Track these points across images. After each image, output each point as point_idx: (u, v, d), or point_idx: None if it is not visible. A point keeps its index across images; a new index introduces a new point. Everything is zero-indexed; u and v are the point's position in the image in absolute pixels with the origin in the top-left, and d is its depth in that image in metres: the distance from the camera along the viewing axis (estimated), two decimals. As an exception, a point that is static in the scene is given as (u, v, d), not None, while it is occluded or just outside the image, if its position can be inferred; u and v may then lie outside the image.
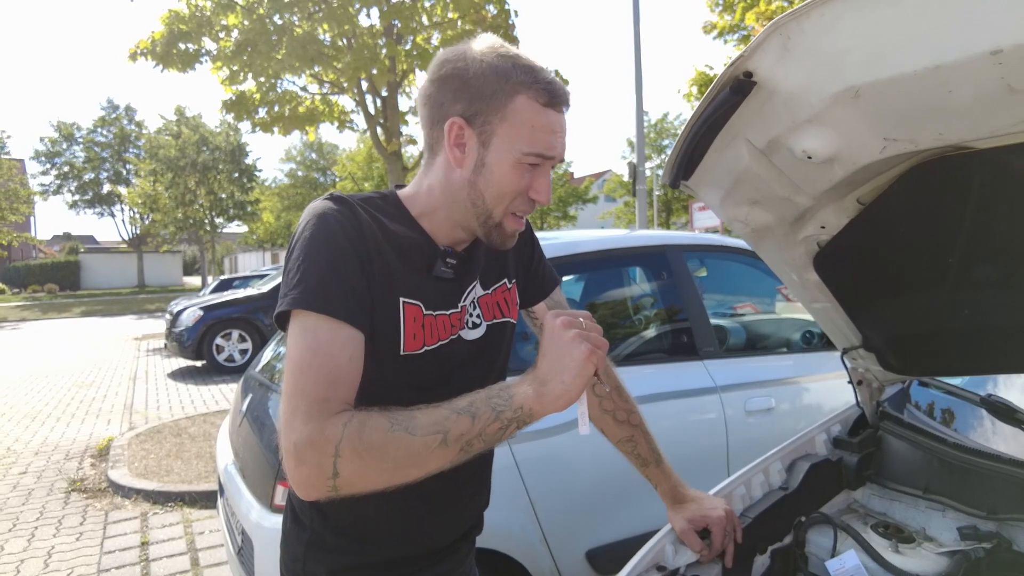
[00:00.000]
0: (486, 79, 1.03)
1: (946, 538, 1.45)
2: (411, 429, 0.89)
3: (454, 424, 0.91)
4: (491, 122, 1.04)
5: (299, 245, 1.02)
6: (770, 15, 12.02)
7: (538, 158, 1.05)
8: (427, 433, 0.89)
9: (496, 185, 1.07)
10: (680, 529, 1.38)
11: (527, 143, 1.04)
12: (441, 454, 0.91)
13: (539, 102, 1.03)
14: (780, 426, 2.79)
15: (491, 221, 1.10)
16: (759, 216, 1.40)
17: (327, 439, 0.88)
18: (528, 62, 1.05)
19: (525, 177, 1.07)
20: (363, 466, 0.89)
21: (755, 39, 1.01)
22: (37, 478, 5.23)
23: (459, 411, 0.92)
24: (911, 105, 0.97)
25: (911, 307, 1.50)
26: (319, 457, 0.88)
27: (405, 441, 0.89)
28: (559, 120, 1.06)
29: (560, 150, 1.07)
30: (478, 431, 0.92)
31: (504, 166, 1.05)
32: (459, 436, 0.91)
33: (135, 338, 15.41)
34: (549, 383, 0.94)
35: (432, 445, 0.89)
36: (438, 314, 1.12)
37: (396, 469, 0.90)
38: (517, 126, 1.03)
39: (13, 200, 31.36)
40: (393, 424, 0.90)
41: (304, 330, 0.96)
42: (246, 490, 2.49)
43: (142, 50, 11.65)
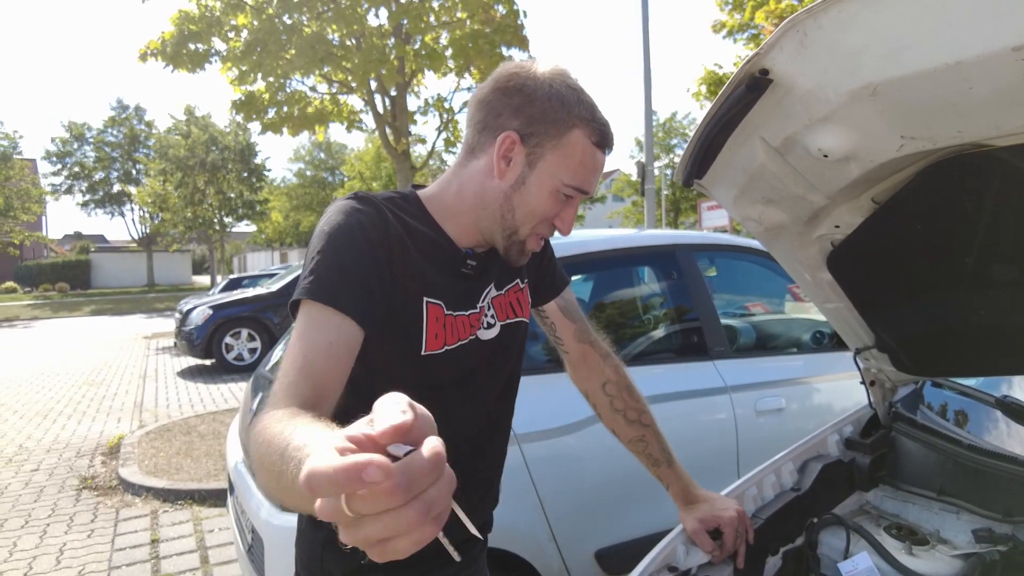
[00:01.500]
0: (550, 104, 1.05)
1: (960, 540, 1.44)
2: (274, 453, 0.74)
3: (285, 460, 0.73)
4: (543, 145, 1.07)
5: (318, 239, 1.03)
6: (780, 13, 11.97)
7: (575, 191, 1.09)
8: (272, 468, 0.74)
9: (530, 205, 1.10)
10: (692, 529, 1.38)
11: (571, 176, 1.08)
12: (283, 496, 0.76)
13: (592, 140, 1.07)
14: (791, 426, 2.78)
15: (515, 237, 1.12)
16: (773, 215, 1.39)
17: (254, 433, 0.81)
18: (590, 100, 1.09)
19: (557, 205, 1.10)
20: (256, 466, 0.80)
21: (771, 36, 1.00)
22: (49, 475, 5.27)
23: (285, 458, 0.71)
24: (929, 102, 0.96)
25: (925, 307, 1.48)
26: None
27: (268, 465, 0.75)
28: (602, 160, 1.11)
29: (594, 188, 1.13)
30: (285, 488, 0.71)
31: (543, 190, 1.09)
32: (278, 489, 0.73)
33: (145, 337, 15.49)
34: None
35: (273, 483, 0.74)
36: (458, 314, 1.12)
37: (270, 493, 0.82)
38: (567, 157, 1.07)
39: (25, 200, 31.57)
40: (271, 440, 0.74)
41: (305, 315, 0.97)
42: (256, 489, 2.50)
43: (152, 50, 11.71)
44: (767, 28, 12.75)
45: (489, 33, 12.02)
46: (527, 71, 1.08)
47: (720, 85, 14.81)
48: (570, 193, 1.09)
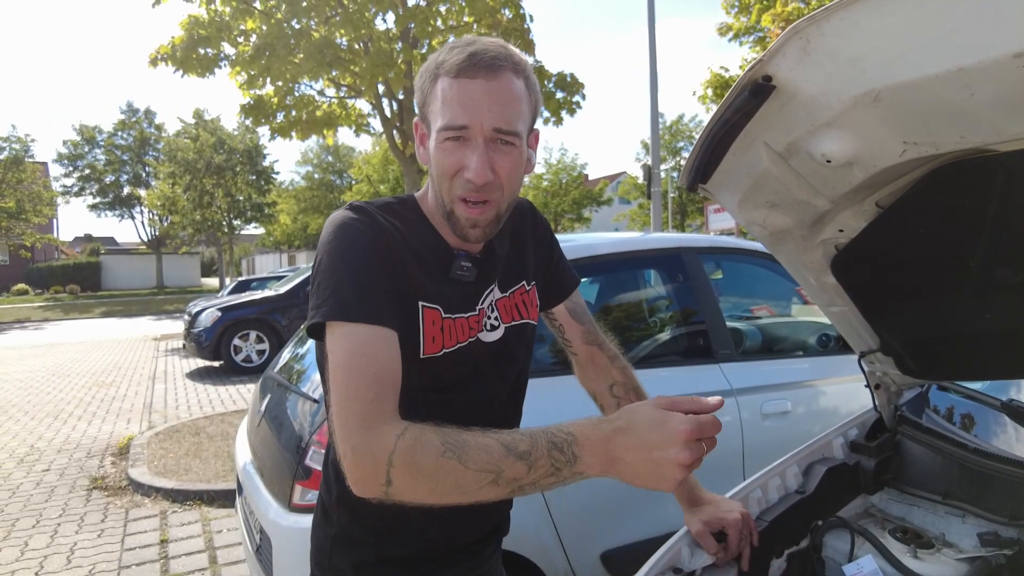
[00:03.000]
0: (424, 74, 1.07)
1: (966, 544, 1.44)
2: (464, 460, 0.87)
3: (509, 467, 0.87)
4: (428, 114, 1.07)
5: (326, 256, 1.03)
6: (786, 16, 11.96)
7: (450, 130, 1.02)
8: (480, 469, 0.87)
9: (435, 171, 1.08)
10: (696, 531, 1.38)
11: (441, 119, 1.03)
12: (490, 491, 0.88)
13: (451, 76, 1.02)
14: (796, 429, 2.78)
15: (446, 211, 1.09)
16: (777, 219, 1.40)
17: (381, 449, 0.88)
18: (454, 44, 1.05)
19: (452, 156, 1.04)
20: (413, 483, 0.88)
21: (774, 43, 1.01)
22: (60, 475, 5.31)
23: (517, 455, 0.87)
24: (932, 108, 0.97)
25: (930, 311, 1.49)
26: (374, 465, 0.88)
27: (456, 471, 0.87)
28: (475, 87, 1.01)
29: (476, 117, 1.01)
30: (532, 480, 0.87)
31: (435, 150, 1.06)
32: (512, 480, 0.87)
33: (154, 338, 15.57)
34: (619, 466, 0.86)
35: (483, 481, 0.87)
36: (456, 317, 1.13)
37: (444, 493, 0.89)
38: (439, 108, 1.04)
39: (37, 202, 31.80)
40: (446, 449, 0.88)
41: (343, 337, 0.97)
42: (264, 489, 2.52)
43: (162, 55, 11.78)
44: (773, 31, 12.74)
45: (495, 37, 12.04)
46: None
47: (726, 88, 14.79)
48: (448, 135, 1.02)
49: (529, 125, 1.09)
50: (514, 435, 0.89)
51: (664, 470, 0.83)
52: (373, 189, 32.39)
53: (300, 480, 2.26)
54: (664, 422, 0.84)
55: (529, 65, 1.09)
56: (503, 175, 1.05)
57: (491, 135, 1.02)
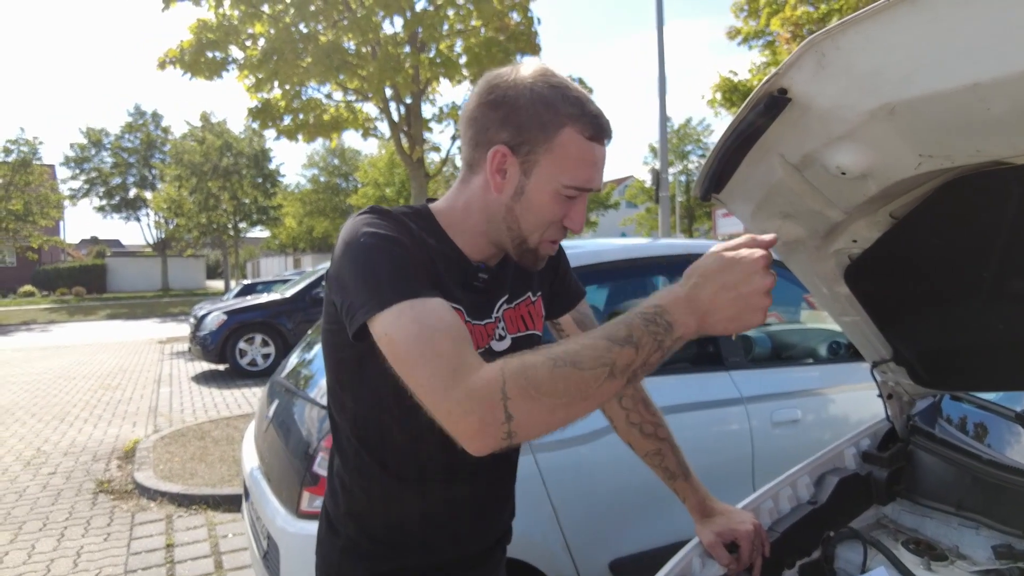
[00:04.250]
0: (535, 109, 1.03)
1: (980, 556, 1.43)
2: (577, 364, 0.86)
3: (619, 356, 0.87)
4: (536, 152, 1.05)
5: (355, 257, 1.00)
6: (795, 21, 11.96)
7: (577, 191, 1.07)
8: (594, 367, 0.86)
9: (534, 213, 1.08)
10: (708, 542, 1.38)
11: (569, 176, 1.05)
12: (610, 386, 0.87)
13: (584, 135, 1.04)
14: (806, 438, 2.77)
15: (526, 245, 1.12)
16: (790, 229, 1.39)
17: (490, 383, 0.85)
18: (577, 94, 1.06)
19: (563, 207, 1.08)
20: (534, 405, 0.84)
21: (790, 56, 1.01)
22: (66, 478, 5.33)
23: (621, 342, 0.87)
24: (948, 122, 0.97)
25: (944, 321, 1.48)
26: (488, 403, 0.84)
27: (573, 376, 0.85)
28: (601, 153, 1.07)
29: (599, 182, 1.09)
30: (642, 361, 0.88)
31: (544, 196, 1.07)
32: (626, 367, 0.87)
33: (159, 341, 15.62)
34: (713, 315, 0.90)
35: (601, 378, 0.86)
36: (475, 324, 1.14)
37: (568, 405, 0.86)
38: (561, 158, 1.04)
39: (44, 205, 31.96)
40: (554, 361, 0.86)
41: (399, 315, 0.92)
42: (272, 495, 2.52)
43: (171, 59, 11.85)
44: (782, 35, 12.73)
45: (503, 41, 12.08)
46: (507, 80, 1.06)
47: (735, 92, 14.79)
48: (571, 194, 1.07)
49: None
50: (608, 327, 0.90)
51: (753, 301, 0.89)
52: (379, 193, 32.43)
53: (308, 486, 2.26)
54: (736, 260, 0.90)
55: None
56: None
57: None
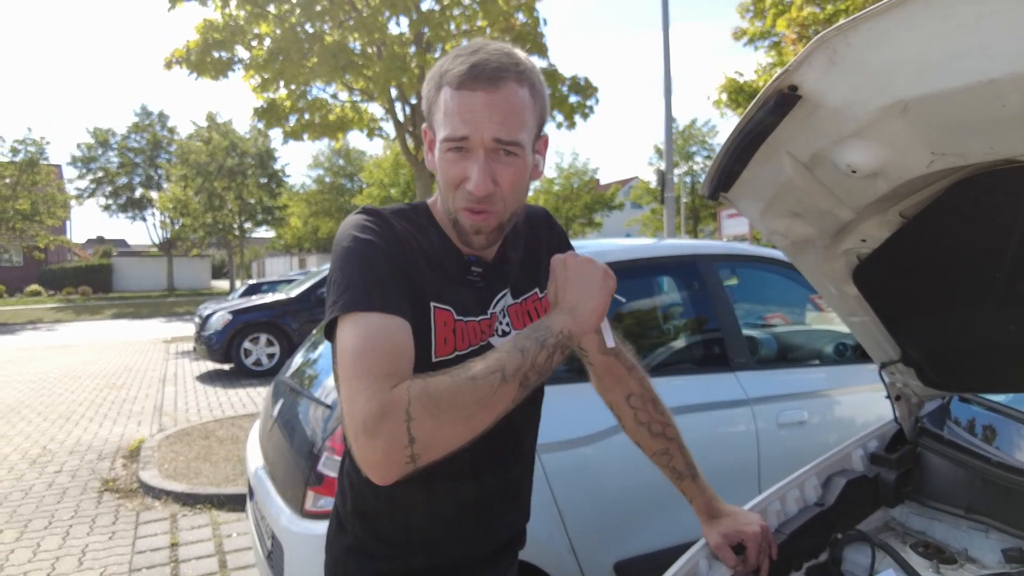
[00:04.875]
0: (430, 82, 1.08)
1: (989, 560, 1.42)
2: (471, 375, 0.90)
3: (507, 362, 0.92)
4: (433, 123, 1.08)
5: (339, 257, 1.04)
6: (801, 21, 11.92)
7: (451, 142, 1.03)
8: (487, 375, 0.90)
9: (439, 180, 1.11)
10: (715, 544, 1.37)
11: (443, 130, 1.04)
12: (504, 392, 0.91)
13: (453, 87, 1.02)
14: (813, 439, 2.75)
15: (454, 220, 1.11)
16: (799, 229, 1.38)
17: (396, 406, 0.86)
18: (458, 52, 1.05)
19: (454, 167, 1.05)
20: (437, 423, 0.87)
21: (800, 53, 1.00)
22: (72, 477, 5.34)
23: (507, 351, 0.94)
24: (961, 119, 0.96)
25: (954, 322, 1.47)
26: (392, 425, 0.85)
27: (469, 387, 0.89)
28: (476, 98, 1.01)
29: (476, 129, 1.01)
30: (530, 363, 0.94)
31: (439, 161, 1.08)
32: (515, 371, 0.92)
33: (164, 341, 15.64)
34: (579, 306, 1.02)
35: (494, 384, 0.90)
36: (468, 320, 1.13)
37: (469, 417, 0.89)
38: (441, 118, 1.05)
39: (51, 205, 32.07)
40: (452, 376, 0.90)
41: (354, 325, 0.95)
42: (276, 495, 2.51)
43: (177, 58, 11.87)
44: (788, 36, 12.70)
45: (509, 41, 12.05)
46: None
47: (741, 93, 14.76)
48: (450, 147, 1.04)
49: (535, 132, 1.10)
50: (498, 347, 0.97)
51: (600, 282, 1.05)
52: (384, 193, 32.48)
53: (312, 486, 2.25)
54: (578, 267, 1.06)
55: (536, 70, 1.09)
56: (505, 185, 1.06)
57: (492, 146, 1.02)
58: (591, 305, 1.02)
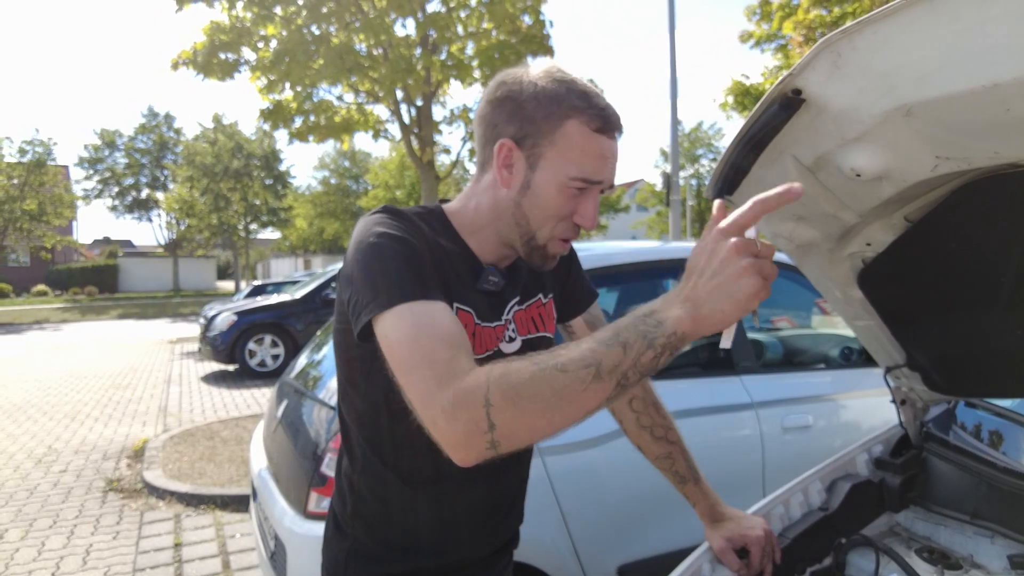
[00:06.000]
0: (539, 102, 1.04)
1: (995, 566, 1.41)
2: (560, 366, 0.82)
3: (605, 356, 0.82)
4: (540, 144, 1.05)
5: (366, 255, 1.00)
6: (808, 24, 11.89)
7: (584, 183, 1.05)
8: (579, 368, 0.81)
9: (541, 208, 1.07)
10: (718, 548, 1.36)
11: (575, 168, 1.04)
12: (597, 389, 0.82)
13: (590, 127, 1.03)
14: (818, 444, 2.74)
15: (534, 242, 1.11)
16: (804, 232, 1.38)
17: (474, 391, 0.83)
18: (583, 87, 1.05)
19: (571, 201, 1.07)
20: (517, 412, 0.82)
21: (805, 56, 1.00)
22: (76, 476, 5.35)
23: (606, 343, 0.83)
24: (966, 123, 0.95)
25: (959, 326, 1.46)
26: (471, 411, 0.82)
27: (557, 378, 0.81)
28: (610, 146, 1.06)
29: (609, 176, 1.07)
30: (632, 361, 0.82)
31: (550, 189, 1.06)
32: (613, 368, 0.82)
33: (169, 341, 15.68)
34: (705, 306, 0.82)
35: (586, 380, 0.81)
36: (485, 326, 1.13)
37: (552, 410, 0.82)
38: (566, 150, 1.04)
39: (58, 205, 32.22)
40: (539, 364, 0.83)
41: (399, 317, 0.92)
42: (280, 496, 2.52)
43: (184, 60, 11.90)
44: (795, 39, 12.67)
45: (515, 43, 12.06)
46: (514, 77, 1.07)
47: (747, 96, 14.73)
48: (579, 186, 1.05)
49: None
50: (598, 332, 0.86)
51: (738, 286, 0.81)
52: (390, 195, 32.48)
53: (316, 487, 2.25)
54: (730, 263, 0.82)
55: None
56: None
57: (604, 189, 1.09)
58: (718, 317, 0.82)
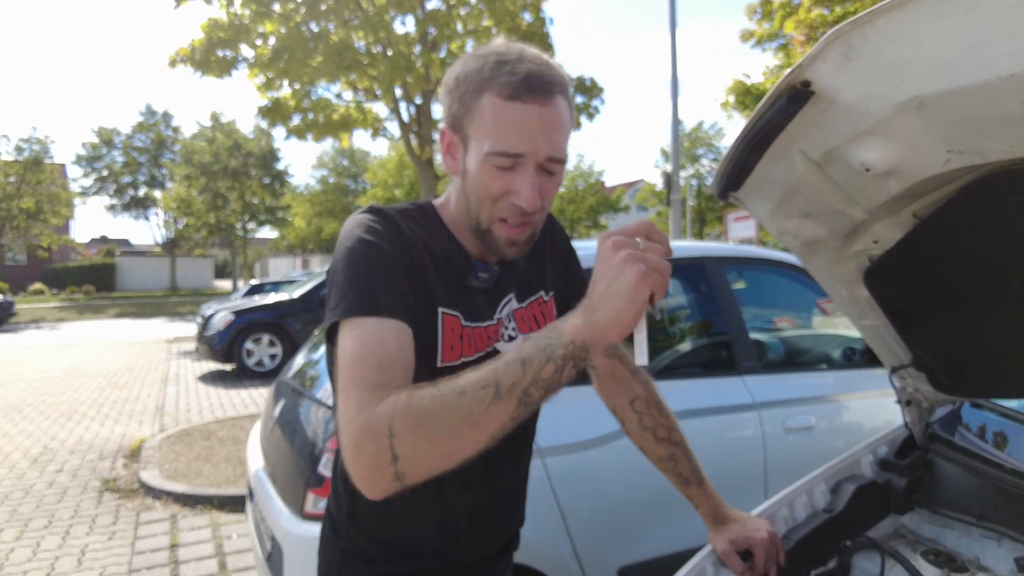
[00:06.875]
0: (460, 83, 1.01)
1: (1002, 569, 1.39)
2: (460, 389, 0.82)
3: (504, 375, 0.81)
4: (464, 126, 1.02)
5: (342, 258, 1.01)
6: (809, 23, 11.88)
7: (505, 157, 0.98)
8: (477, 388, 0.81)
9: (474, 190, 1.04)
10: (722, 550, 1.34)
11: (489, 142, 0.99)
12: (498, 410, 0.81)
13: (502, 97, 0.97)
14: (820, 445, 2.72)
15: (480, 228, 1.07)
16: (810, 229, 1.36)
17: (379, 420, 0.82)
18: (498, 58, 0.99)
19: (499, 179, 1.01)
20: (419, 440, 0.81)
21: (814, 48, 0.98)
22: (72, 476, 5.32)
23: (507, 362, 0.83)
24: (980, 116, 0.93)
25: (967, 326, 1.44)
26: (374, 442, 0.81)
27: (456, 402, 0.81)
28: (531, 113, 0.97)
29: (534, 145, 0.98)
30: (532, 377, 0.81)
31: (477, 171, 1.02)
32: (512, 385, 0.81)
33: (167, 340, 15.65)
34: (599, 310, 0.82)
35: (485, 401, 0.80)
36: (475, 326, 1.11)
37: (454, 436, 0.81)
38: (481, 126, 0.99)
39: (55, 203, 32.17)
40: (440, 389, 0.83)
41: (351, 330, 0.93)
42: (276, 496, 2.49)
43: (182, 57, 11.86)
44: (796, 38, 12.66)
45: (516, 41, 12.02)
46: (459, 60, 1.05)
47: (748, 95, 14.72)
48: (501, 163, 0.99)
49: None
50: (502, 354, 0.86)
51: (628, 291, 0.80)
52: (388, 194, 32.46)
53: (313, 488, 2.23)
54: (609, 260, 0.84)
55: (570, 80, 1.06)
56: (547, 199, 1.04)
57: (543, 162, 1.00)
58: (611, 315, 0.81)
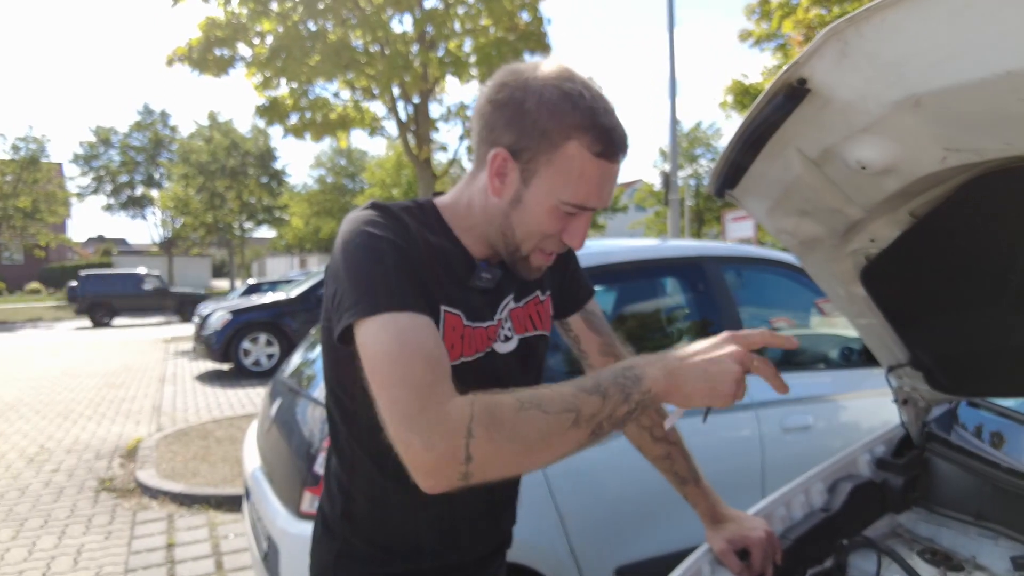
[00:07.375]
0: (540, 115, 0.96)
1: (998, 568, 1.39)
2: (543, 406, 0.83)
3: (584, 403, 0.85)
4: (536, 161, 0.98)
5: (351, 255, 0.97)
6: (808, 23, 11.88)
7: (576, 208, 1.00)
8: (560, 411, 0.83)
9: (528, 224, 1.03)
10: (719, 550, 1.34)
11: (570, 192, 0.99)
12: (573, 435, 0.84)
13: (592, 151, 0.97)
14: (817, 444, 2.72)
15: (518, 254, 1.07)
16: (807, 228, 1.35)
17: (457, 420, 0.81)
18: (591, 103, 0.97)
19: (560, 222, 1.02)
20: (496, 448, 0.81)
21: (810, 45, 0.97)
22: (69, 476, 5.31)
23: (587, 390, 0.86)
24: (977, 114, 0.93)
25: (964, 324, 1.44)
26: (450, 440, 0.80)
27: (538, 420, 0.82)
28: (610, 170, 0.99)
29: (604, 200, 1.02)
30: (608, 412, 0.86)
31: (540, 208, 1.01)
32: (591, 416, 0.85)
33: (164, 340, 15.63)
34: (681, 377, 0.90)
35: (565, 424, 0.83)
36: (476, 326, 1.10)
37: (528, 451, 0.83)
38: (562, 172, 0.98)
39: (51, 202, 32.11)
40: (521, 403, 0.83)
41: (382, 327, 0.89)
42: (273, 496, 2.49)
43: (179, 56, 11.85)
44: (794, 37, 12.67)
45: (513, 40, 12.02)
46: (519, 79, 0.99)
47: (746, 95, 14.74)
48: (571, 211, 1.00)
49: None
50: (577, 379, 0.89)
51: (717, 397, 0.91)
52: (386, 194, 32.41)
53: (309, 487, 2.22)
54: (725, 366, 0.92)
55: None
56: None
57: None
58: (696, 391, 0.90)
